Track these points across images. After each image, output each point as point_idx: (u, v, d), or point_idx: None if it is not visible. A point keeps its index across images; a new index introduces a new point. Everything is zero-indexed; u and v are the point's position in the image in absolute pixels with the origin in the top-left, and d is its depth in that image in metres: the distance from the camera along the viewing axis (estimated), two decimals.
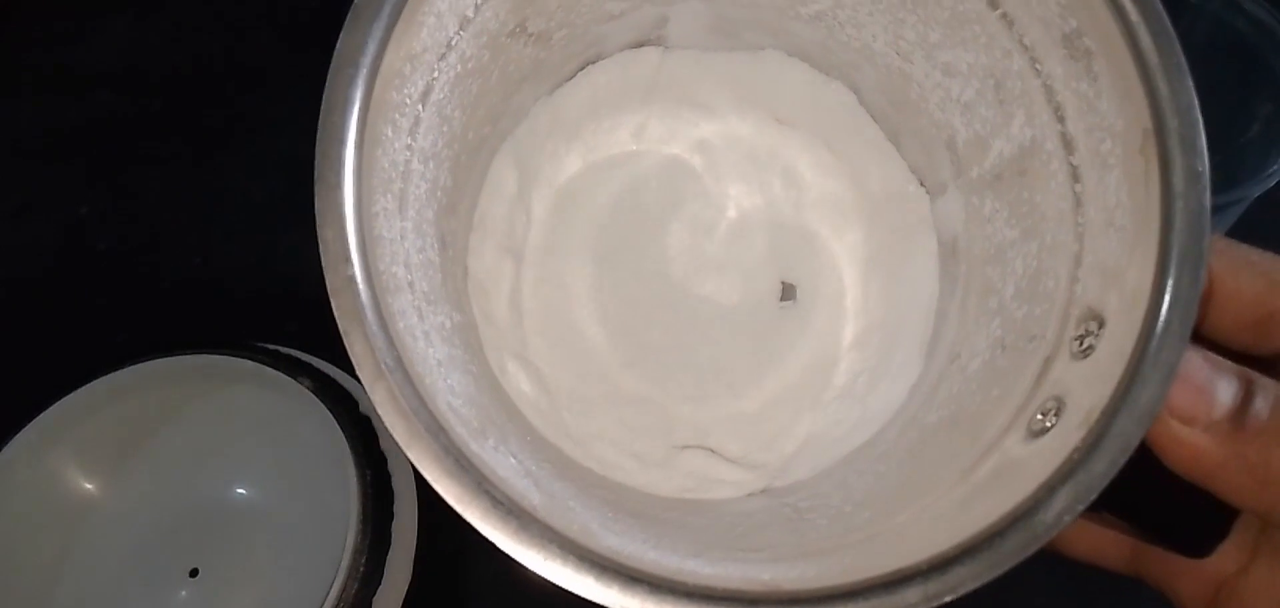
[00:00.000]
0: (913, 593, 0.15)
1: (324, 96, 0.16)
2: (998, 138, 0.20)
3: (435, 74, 0.19)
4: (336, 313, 0.15)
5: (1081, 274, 0.18)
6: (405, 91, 0.18)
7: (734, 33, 0.24)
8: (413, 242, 0.19)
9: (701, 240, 0.24)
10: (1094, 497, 0.15)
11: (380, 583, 0.30)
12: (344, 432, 0.31)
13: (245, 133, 0.46)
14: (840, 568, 0.16)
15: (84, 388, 0.33)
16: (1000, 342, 0.20)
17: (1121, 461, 0.15)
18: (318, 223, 0.16)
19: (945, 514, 0.17)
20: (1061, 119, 0.18)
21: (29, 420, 0.32)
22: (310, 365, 0.33)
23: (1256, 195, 0.32)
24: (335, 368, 0.34)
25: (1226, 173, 0.33)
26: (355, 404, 0.32)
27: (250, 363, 0.33)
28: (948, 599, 0.15)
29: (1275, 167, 0.32)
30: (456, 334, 0.20)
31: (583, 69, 0.24)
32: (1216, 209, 0.16)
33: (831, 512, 0.20)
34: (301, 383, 0.32)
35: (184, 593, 0.34)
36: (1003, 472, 0.17)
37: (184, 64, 0.49)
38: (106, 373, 0.33)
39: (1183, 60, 0.16)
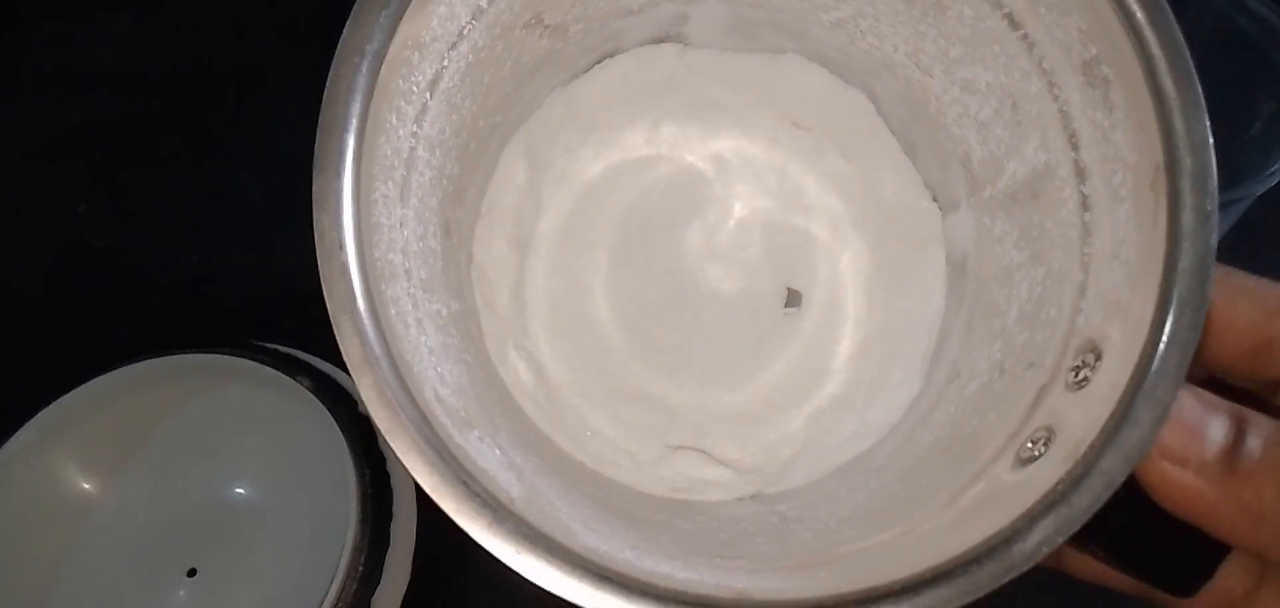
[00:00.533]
0: None
1: (327, 83, 0.16)
2: (1012, 159, 0.20)
3: (445, 63, 0.19)
4: (328, 300, 0.15)
5: (1084, 305, 0.17)
6: (412, 80, 0.18)
7: (754, 34, 0.24)
8: (413, 229, 0.19)
9: (712, 243, 0.24)
10: (1074, 530, 0.15)
11: (379, 583, 0.30)
12: (343, 431, 0.31)
13: (245, 133, 0.46)
14: (816, 584, 0.16)
15: (83, 387, 0.33)
16: (1000, 365, 0.19)
17: (1105, 496, 0.15)
18: (314, 208, 0.16)
19: (928, 537, 0.17)
20: (1076, 146, 0.18)
21: (28, 420, 0.32)
22: (309, 365, 0.33)
23: (1258, 194, 0.32)
24: (334, 367, 0.34)
25: (1228, 171, 0.33)
26: (354, 404, 0.32)
27: (249, 362, 0.33)
28: None
29: (1277, 165, 0.32)
30: (453, 323, 0.20)
31: (599, 62, 0.24)
32: (1218, 208, 0.16)
33: (817, 525, 0.19)
34: (300, 382, 0.32)
35: (182, 593, 0.34)
36: (989, 498, 0.17)
37: (184, 64, 0.49)
38: (106, 372, 0.33)
39: (1200, 97, 0.16)
